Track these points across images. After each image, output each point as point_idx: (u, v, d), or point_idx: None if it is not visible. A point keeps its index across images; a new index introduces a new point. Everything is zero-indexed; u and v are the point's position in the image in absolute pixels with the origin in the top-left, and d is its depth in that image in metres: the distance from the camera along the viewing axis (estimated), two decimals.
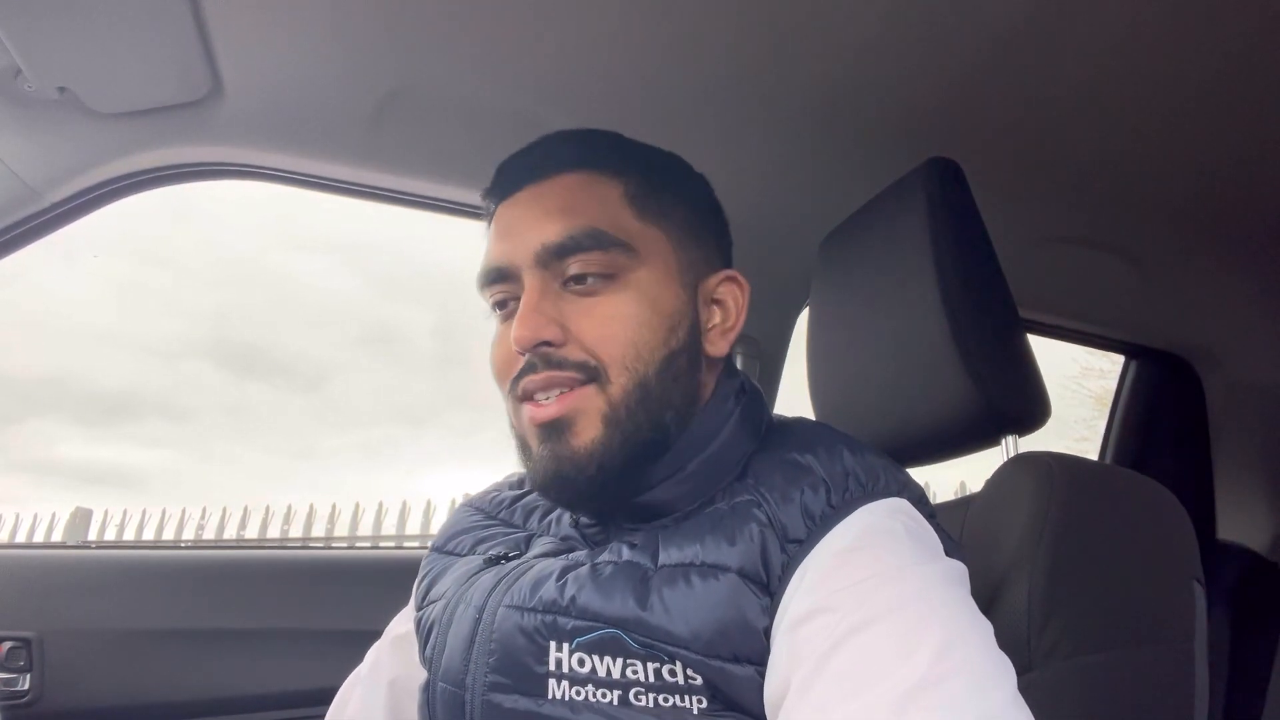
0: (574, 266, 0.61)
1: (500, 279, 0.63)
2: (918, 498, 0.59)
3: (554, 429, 0.59)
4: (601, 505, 0.63)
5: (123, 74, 0.86)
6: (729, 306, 0.68)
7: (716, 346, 0.66)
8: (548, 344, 0.59)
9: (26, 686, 1.01)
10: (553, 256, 0.61)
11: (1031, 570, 0.63)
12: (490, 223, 0.68)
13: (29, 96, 0.85)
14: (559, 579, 0.58)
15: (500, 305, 0.65)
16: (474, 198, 1.09)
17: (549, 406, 0.59)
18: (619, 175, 0.65)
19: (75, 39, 0.80)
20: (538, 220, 0.62)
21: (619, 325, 0.60)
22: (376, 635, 0.78)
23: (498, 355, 0.64)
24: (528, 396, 0.60)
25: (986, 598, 0.65)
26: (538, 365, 0.59)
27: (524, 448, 0.63)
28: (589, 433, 0.59)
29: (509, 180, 0.67)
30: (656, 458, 0.61)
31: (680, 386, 0.62)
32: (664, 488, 0.61)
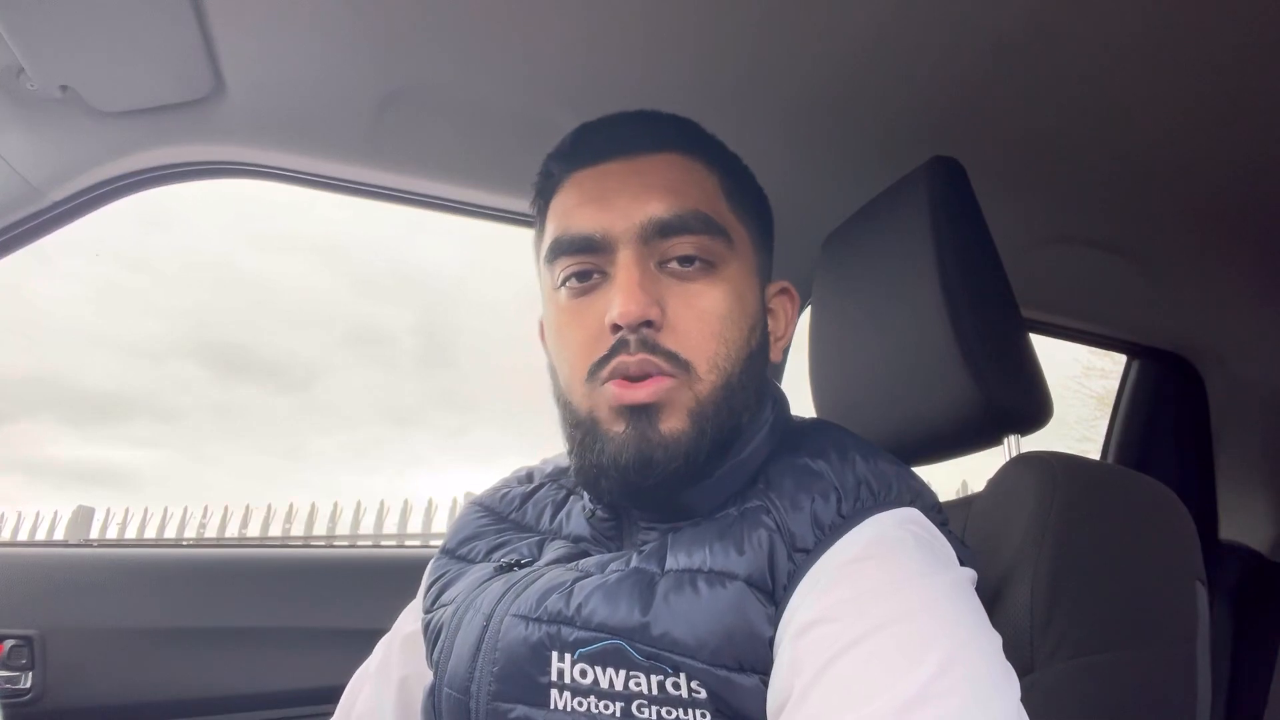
0: (678, 248, 0.59)
1: (587, 249, 0.60)
2: (930, 505, 0.59)
3: (644, 412, 0.57)
4: (653, 500, 0.61)
5: (125, 73, 0.86)
6: (780, 317, 0.68)
7: (773, 353, 0.67)
8: (649, 324, 0.57)
9: (28, 685, 1.01)
10: (656, 233, 0.59)
11: (1034, 571, 0.63)
12: (556, 187, 0.65)
13: (31, 95, 0.85)
14: (566, 589, 0.57)
15: (580, 277, 0.61)
16: (475, 196, 1.10)
17: (639, 390, 0.56)
18: (713, 165, 0.64)
19: (77, 38, 0.80)
20: (640, 194, 0.60)
21: (714, 321, 0.59)
22: (378, 634, 0.78)
23: (580, 331, 0.60)
24: (616, 377, 0.57)
25: (988, 598, 0.64)
26: (631, 345, 0.57)
27: (591, 428, 0.59)
28: (676, 424, 0.57)
29: (595, 149, 0.64)
30: (725, 455, 0.60)
31: (754, 386, 0.62)
32: (691, 491, 0.60)
